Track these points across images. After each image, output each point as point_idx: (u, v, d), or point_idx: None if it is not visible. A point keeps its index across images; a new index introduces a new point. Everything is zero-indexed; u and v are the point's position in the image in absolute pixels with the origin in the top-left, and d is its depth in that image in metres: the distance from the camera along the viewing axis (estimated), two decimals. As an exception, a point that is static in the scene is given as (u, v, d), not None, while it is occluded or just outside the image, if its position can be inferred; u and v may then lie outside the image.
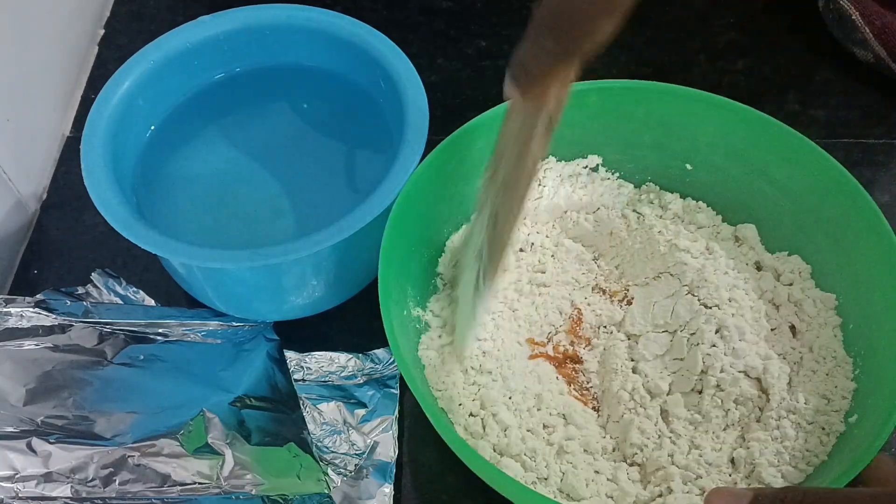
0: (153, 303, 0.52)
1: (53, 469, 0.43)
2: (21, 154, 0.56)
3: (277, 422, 0.45)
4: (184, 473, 0.43)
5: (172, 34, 0.52)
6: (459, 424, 0.45)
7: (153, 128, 0.53)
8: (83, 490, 0.43)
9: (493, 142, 0.49)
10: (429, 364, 0.47)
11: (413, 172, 0.46)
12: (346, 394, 0.49)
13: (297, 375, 0.49)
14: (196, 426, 0.44)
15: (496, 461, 0.44)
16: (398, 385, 0.49)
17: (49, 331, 0.48)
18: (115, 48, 0.66)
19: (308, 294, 0.49)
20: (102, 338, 0.48)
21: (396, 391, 0.49)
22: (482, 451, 0.44)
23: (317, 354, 0.50)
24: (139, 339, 0.49)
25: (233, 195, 0.51)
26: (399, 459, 0.47)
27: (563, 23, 0.34)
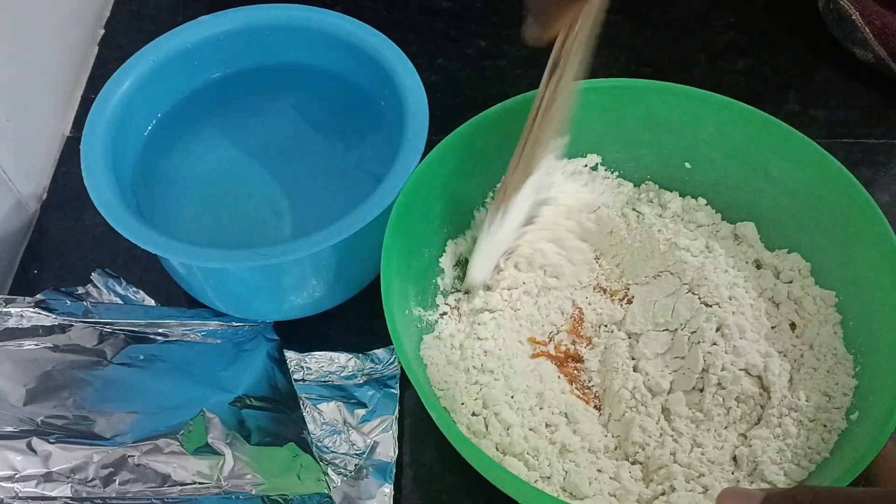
0: (153, 303, 0.52)
1: (53, 469, 0.43)
2: (21, 154, 0.56)
3: (277, 422, 0.45)
4: (184, 473, 0.43)
5: (172, 34, 0.52)
6: (462, 424, 0.45)
7: (153, 127, 0.53)
8: (83, 490, 0.43)
9: (494, 141, 0.50)
10: (431, 364, 0.47)
11: (414, 171, 0.46)
12: (346, 394, 0.49)
13: (297, 375, 0.49)
14: (196, 426, 0.44)
15: (499, 460, 0.44)
16: (398, 385, 0.49)
17: (49, 331, 0.48)
18: (115, 48, 0.66)
19: (308, 294, 0.49)
20: (102, 338, 0.48)
21: (396, 391, 0.49)
22: (485, 451, 0.44)
23: (317, 354, 0.50)
24: (139, 339, 0.49)
25: (233, 195, 0.51)
26: (399, 459, 0.48)
27: None
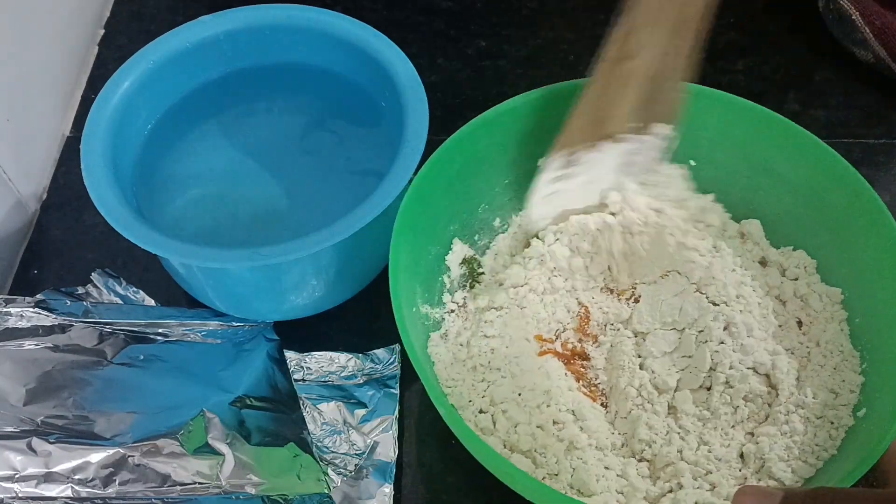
0: (153, 303, 0.52)
1: (53, 469, 0.43)
2: (21, 154, 0.56)
3: (277, 422, 0.45)
4: (184, 473, 0.43)
5: (172, 34, 0.52)
6: (469, 421, 0.45)
7: (153, 127, 0.53)
8: (83, 490, 0.43)
9: (499, 139, 0.49)
10: (438, 361, 0.47)
11: (421, 169, 0.46)
12: (346, 394, 0.49)
13: (297, 375, 0.49)
14: (196, 426, 0.44)
15: (507, 457, 0.44)
16: (398, 385, 0.49)
17: (49, 331, 0.48)
18: (115, 48, 0.66)
19: (308, 294, 0.49)
20: (102, 338, 0.48)
21: (396, 391, 0.49)
22: (493, 448, 0.43)
23: (317, 354, 0.50)
24: (139, 339, 0.49)
25: (233, 195, 0.51)
26: (399, 459, 0.47)
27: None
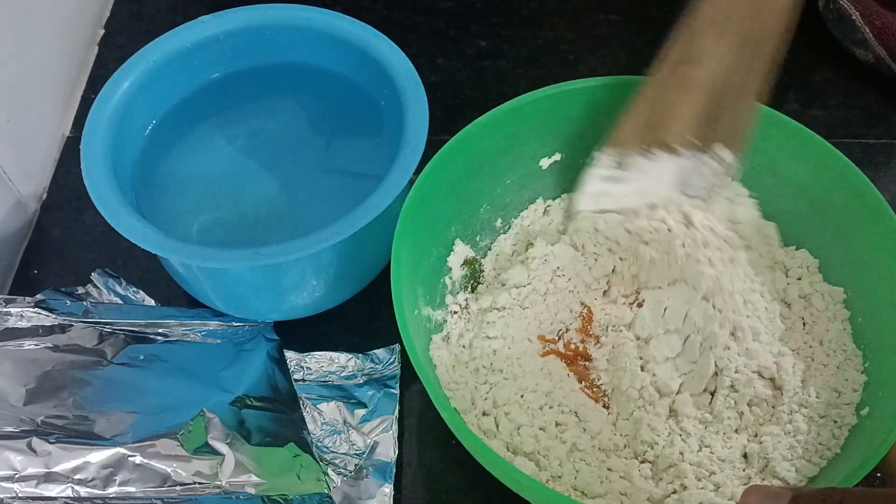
0: (153, 303, 0.52)
1: (53, 469, 0.43)
2: (21, 154, 0.56)
3: (277, 422, 0.45)
4: (184, 473, 0.43)
5: (172, 34, 0.52)
6: (472, 425, 0.45)
7: (153, 128, 0.53)
8: (83, 490, 0.43)
9: (501, 140, 0.49)
10: (440, 364, 0.47)
11: (423, 170, 0.46)
12: (346, 394, 0.49)
13: (297, 375, 0.49)
14: (196, 426, 0.44)
15: (510, 460, 0.44)
16: (398, 385, 0.49)
17: (49, 331, 0.48)
18: (115, 48, 0.66)
19: (308, 294, 0.49)
20: (102, 338, 0.48)
21: (396, 391, 0.49)
22: (497, 451, 0.43)
23: (317, 354, 0.50)
24: (139, 339, 0.49)
25: (233, 195, 0.51)
26: (399, 459, 0.47)
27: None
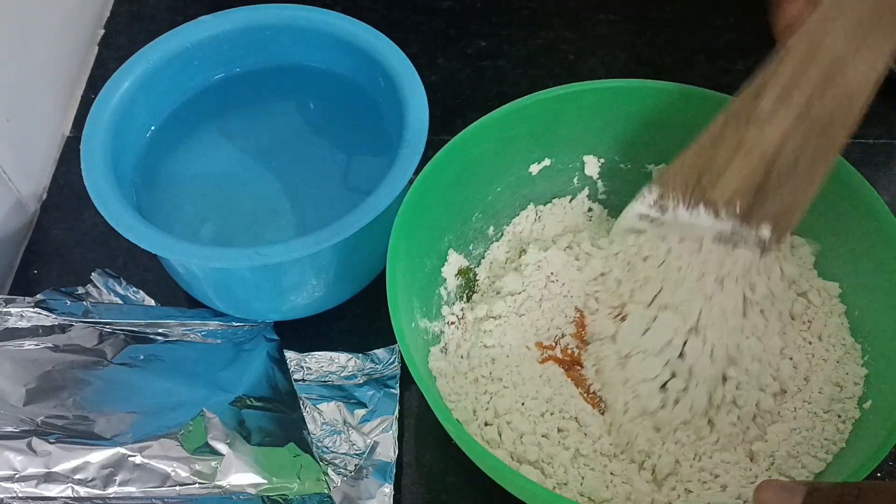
0: (153, 303, 0.52)
1: (53, 469, 0.43)
2: (21, 154, 0.56)
3: (277, 422, 0.45)
4: (184, 473, 0.43)
5: (172, 34, 0.52)
6: (476, 435, 0.45)
7: (153, 127, 0.53)
8: (83, 490, 0.43)
9: (492, 147, 0.49)
10: (440, 376, 0.46)
11: (414, 181, 0.46)
12: (346, 394, 0.49)
13: (297, 375, 0.49)
14: (196, 426, 0.44)
15: (515, 469, 0.43)
16: (398, 385, 0.49)
17: (49, 331, 0.48)
18: (115, 48, 0.66)
19: (308, 294, 0.49)
20: (102, 338, 0.48)
21: (396, 391, 0.49)
22: (502, 461, 0.42)
23: (317, 354, 0.50)
24: (139, 339, 0.49)
25: (233, 195, 0.51)
26: (399, 459, 0.47)
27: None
